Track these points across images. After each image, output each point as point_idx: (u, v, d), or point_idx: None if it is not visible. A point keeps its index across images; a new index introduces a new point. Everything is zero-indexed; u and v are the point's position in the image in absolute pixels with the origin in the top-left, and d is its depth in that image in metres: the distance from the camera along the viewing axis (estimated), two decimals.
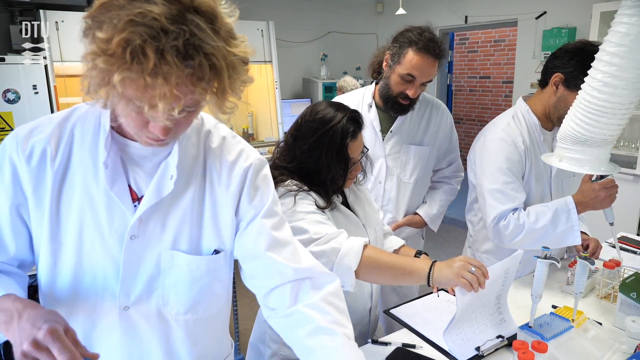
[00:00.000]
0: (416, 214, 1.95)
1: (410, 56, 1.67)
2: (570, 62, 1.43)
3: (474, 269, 1.09)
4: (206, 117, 0.96)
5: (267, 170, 0.97)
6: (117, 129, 0.86)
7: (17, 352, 0.70)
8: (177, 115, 0.71)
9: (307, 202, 1.23)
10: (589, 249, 1.63)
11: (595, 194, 1.47)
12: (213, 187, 0.92)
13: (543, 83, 1.57)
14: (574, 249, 1.75)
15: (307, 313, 0.91)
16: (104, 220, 0.86)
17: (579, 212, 1.49)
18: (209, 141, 0.93)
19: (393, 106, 1.78)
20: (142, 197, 0.87)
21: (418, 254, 1.47)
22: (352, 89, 4.08)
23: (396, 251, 1.51)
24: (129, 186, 0.87)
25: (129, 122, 0.77)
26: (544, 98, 1.57)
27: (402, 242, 1.54)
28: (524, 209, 1.54)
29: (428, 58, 1.66)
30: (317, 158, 1.24)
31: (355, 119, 1.26)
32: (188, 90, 0.69)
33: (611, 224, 1.51)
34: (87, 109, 0.89)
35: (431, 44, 1.65)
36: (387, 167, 1.85)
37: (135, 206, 0.87)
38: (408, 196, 1.90)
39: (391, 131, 1.85)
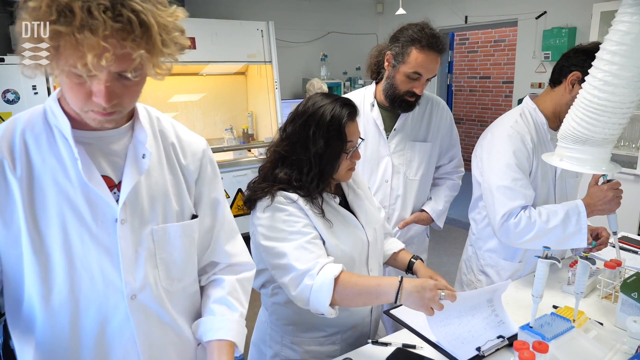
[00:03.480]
0: (423, 210, 1.95)
1: (415, 55, 1.67)
2: (588, 61, 1.42)
3: (443, 293, 1.08)
4: (151, 109, 1.01)
5: (211, 153, 1.08)
6: (72, 125, 0.85)
7: None
8: (105, 64, 0.70)
9: (294, 219, 1.21)
10: (600, 240, 1.62)
11: (604, 194, 1.48)
12: (177, 161, 0.99)
13: (555, 82, 1.56)
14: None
15: (221, 282, 1.06)
16: (87, 215, 0.85)
17: (588, 216, 1.49)
18: (161, 125, 0.99)
19: (400, 104, 1.79)
20: (119, 183, 0.88)
21: (414, 258, 1.46)
22: (317, 92, 4.09)
23: (395, 254, 1.50)
24: (102, 176, 0.87)
25: (73, 96, 0.77)
26: (555, 97, 1.57)
27: (402, 245, 1.53)
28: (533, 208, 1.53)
29: (432, 55, 1.68)
30: (305, 135, 1.22)
31: (349, 103, 1.25)
32: (118, 44, 0.70)
33: (614, 233, 1.51)
34: (29, 116, 0.87)
35: (434, 40, 1.67)
36: (393, 165, 1.86)
37: (114, 193, 0.87)
38: (414, 193, 1.91)
39: (395, 129, 1.85)
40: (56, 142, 0.84)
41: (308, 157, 1.22)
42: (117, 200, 0.87)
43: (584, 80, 1.37)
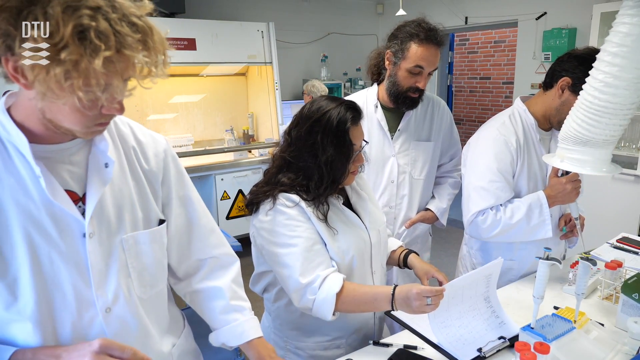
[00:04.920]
0: (428, 209, 1.97)
1: (415, 49, 1.70)
2: (579, 67, 1.43)
3: (430, 299, 1.10)
4: None
5: (173, 151, 1.05)
6: (28, 139, 0.79)
7: None
8: (141, 75, 0.71)
9: (295, 223, 1.21)
10: (570, 223, 1.66)
11: (563, 187, 1.52)
12: (139, 165, 0.96)
13: (547, 85, 1.57)
14: (573, 239, 1.77)
15: (219, 291, 1.10)
16: (53, 233, 0.81)
17: (550, 206, 1.54)
18: (118, 129, 0.95)
19: (404, 101, 1.80)
20: (83, 195, 0.85)
21: (407, 253, 1.46)
22: (321, 95, 4.10)
23: (394, 252, 1.51)
24: (66, 190, 0.83)
25: (81, 117, 0.74)
26: (546, 100, 1.58)
27: (400, 243, 1.54)
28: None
29: (431, 47, 1.71)
30: (313, 142, 1.21)
31: (353, 107, 1.24)
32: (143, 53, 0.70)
33: (576, 219, 1.57)
34: None
35: (432, 33, 1.70)
36: (399, 166, 1.87)
37: (79, 207, 0.84)
38: (420, 193, 1.93)
39: (399, 129, 1.87)
40: (12, 159, 0.78)
41: (318, 164, 1.21)
42: (82, 214, 0.83)
43: (574, 86, 1.37)
